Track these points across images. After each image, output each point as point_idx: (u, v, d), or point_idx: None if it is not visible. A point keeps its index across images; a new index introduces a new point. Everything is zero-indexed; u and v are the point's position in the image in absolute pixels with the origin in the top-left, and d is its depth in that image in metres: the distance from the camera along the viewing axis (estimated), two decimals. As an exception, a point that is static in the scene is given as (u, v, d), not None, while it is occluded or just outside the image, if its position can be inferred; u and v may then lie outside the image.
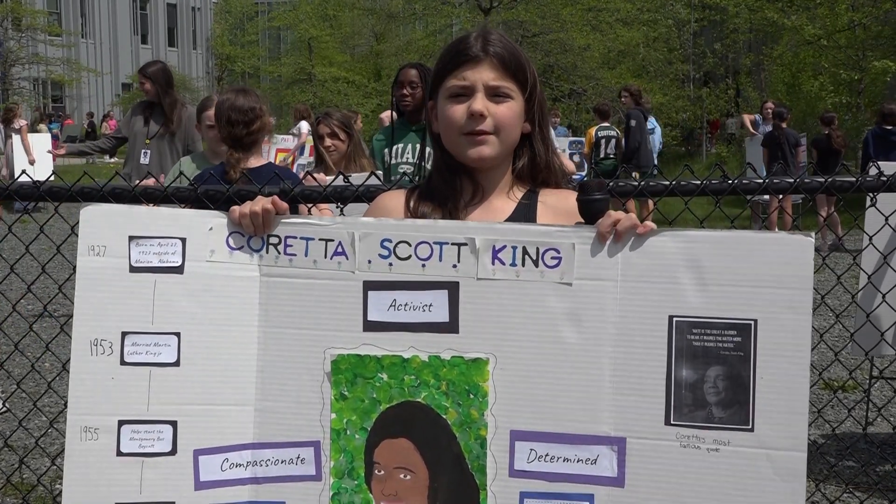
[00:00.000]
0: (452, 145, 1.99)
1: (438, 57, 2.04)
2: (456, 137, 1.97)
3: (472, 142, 1.95)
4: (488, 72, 1.94)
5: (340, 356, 1.84)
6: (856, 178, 2.95)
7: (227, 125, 4.14)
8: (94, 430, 1.84)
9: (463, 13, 31.80)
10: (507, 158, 2.03)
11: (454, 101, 1.96)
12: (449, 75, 1.97)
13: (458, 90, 1.96)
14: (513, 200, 2.03)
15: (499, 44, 1.96)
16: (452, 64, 1.97)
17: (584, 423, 1.79)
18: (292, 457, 1.85)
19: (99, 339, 1.85)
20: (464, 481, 1.81)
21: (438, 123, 2.02)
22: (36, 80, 43.03)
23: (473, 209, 2.01)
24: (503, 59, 1.95)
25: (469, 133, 1.94)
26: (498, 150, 1.97)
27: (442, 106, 1.99)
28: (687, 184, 2.87)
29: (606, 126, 14.15)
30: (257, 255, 1.89)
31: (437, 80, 2.01)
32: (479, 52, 1.95)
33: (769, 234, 1.78)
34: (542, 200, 2.03)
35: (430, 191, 2.04)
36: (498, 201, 2.02)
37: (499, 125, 1.95)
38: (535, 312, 1.80)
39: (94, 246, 1.86)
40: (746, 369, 1.74)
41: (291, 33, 47.57)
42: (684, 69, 30.77)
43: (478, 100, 1.93)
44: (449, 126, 1.97)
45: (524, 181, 2.06)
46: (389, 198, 2.12)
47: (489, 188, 2.02)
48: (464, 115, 1.94)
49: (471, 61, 1.95)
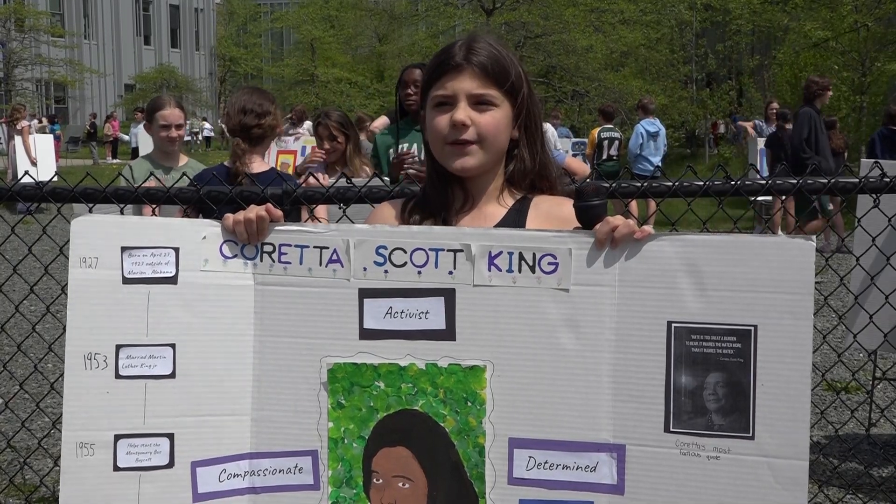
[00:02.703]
0: (438, 155, 1.99)
1: (427, 66, 2.04)
2: (441, 147, 1.96)
3: (455, 152, 1.94)
4: (470, 81, 1.93)
5: (337, 365, 1.83)
6: (858, 179, 2.94)
7: (241, 113, 4.18)
8: (91, 445, 1.81)
9: (466, 14, 31.81)
10: (497, 165, 2.02)
11: (438, 110, 1.96)
12: (433, 85, 1.97)
13: (441, 99, 1.95)
14: (503, 206, 2.02)
15: (483, 52, 1.95)
16: (436, 73, 1.97)
17: (583, 430, 1.78)
18: (290, 466, 1.85)
19: (93, 352, 1.82)
20: (462, 489, 1.80)
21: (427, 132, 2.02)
22: (39, 82, 43.10)
23: (464, 216, 2.01)
24: (485, 68, 1.94)
25: (453, 143, 1.94)
26: (482, 159, 1.96)
27: (428, 115, 1.99)
28: (690, 185, 2.86)
29: (609, 127, 14.13)
30: (252, 263, 1.88)
31: (424, 89, 2.01)
32: (461, 60, 1.94)
33: (768, 238, 1.76)
34: (535, 206, 2.01)
35: (424, 199, 2.05)
36: (488, 207, 2.02)
37: (482, 134, 1.94)
38: (533, 319, 1.79)
39: (86, 258, 1.84)
40: (746, 376, 1.72)
41: (294, 34, 47.65)
42: (686, 70, 30.73)
43: (460, 109, 1.93)
44: (434, 136, 1.97)
45: (518, 186, 2.04)
46: (385, 207, 2.12)
47: (478, 195, 2.02)
48: (447, 124, 1.93)
49: (452, 70, 1.94)
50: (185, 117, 5.11)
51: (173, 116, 4.88)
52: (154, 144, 5.04)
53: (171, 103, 4.96)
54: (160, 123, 4.86)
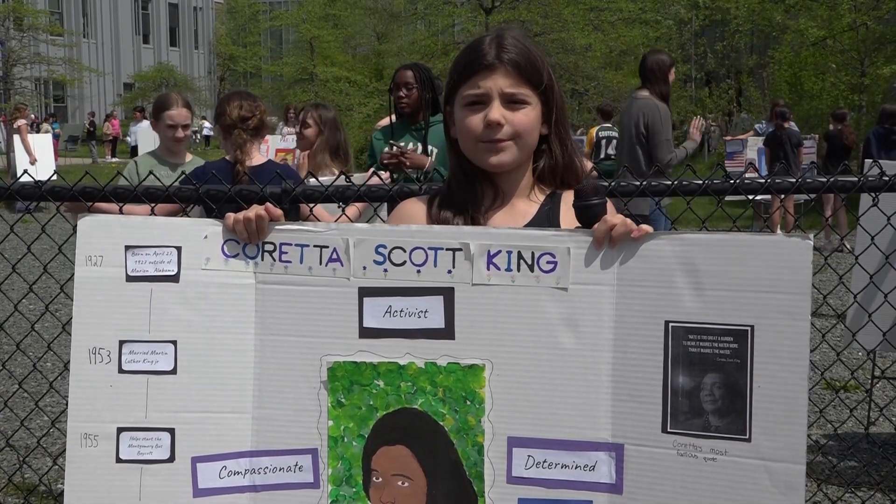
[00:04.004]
0: (470, 152, 1.96)
1: (454, 62, 2.00)
2: (473, 145, 1.94)
3: (491, 149, 1.92)
4: (503, 79, 1.91)
5: (337, 363, 1.83)
6: (858, 178, 2.94)
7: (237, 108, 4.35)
8: (94, 436, 1.85)
9: (465, 13, 31.76)
10: (527, 161, 2.01)
11: (470, 109, 1.93)
12: (464, 83, 1.94)
13: (473, 98, 1.93)
14: (535, 202, 2.01)
15: (513, 49, 1.93)
16: (467, 72, 1.94)
17: (582, 429, 1.78)
18: (290, 464, 1.85)
19: (97, 347, 1.86)
20: (461, 488, 1.80)
21: (456, 129, 1.99)
22: (38, 80, 43.04)
23: (495, 213, 1.99)
24: (518, 66, 1.91)
25: (487, 141, 1.92)
26: (516, 155, 1.95)
27: (458, 114, 1.96)
28: (689, 183, 2.86)
29: (608, 126, 14.11)
30: (252, 262, 1.89)
31: (453, 87, 1.98)
32: (493, 59, 1.92)
33: (765, 237, 1.74)
34: (565, 202, 2.00)
35: (450, 196, 2.02)
36: (520, 204, 2.00)
37: (516, 132, 1.92)
38: (531, 318, 1.79)
39: (92, 256, 1.88)
40: (743, 377, 1.71)
41: (293, 33, 47.61)
42: (685, 69, 30.71)
43: (494, 109, 1.91)
44: (466, 134, 1.95)
45: (546, 182, 2.03)
46: (411, 204, 2.09)
47: (510, 191, 2.00)
48: (480, 123, 1.91)
49: (485, 69, 1.92)
50: (193, 117, 5.09)
51: (180, 116, 4.86)
52: (160, 141, 5.05)
53: (179, 103, 4.93)
54: (167, 123, 4.84)
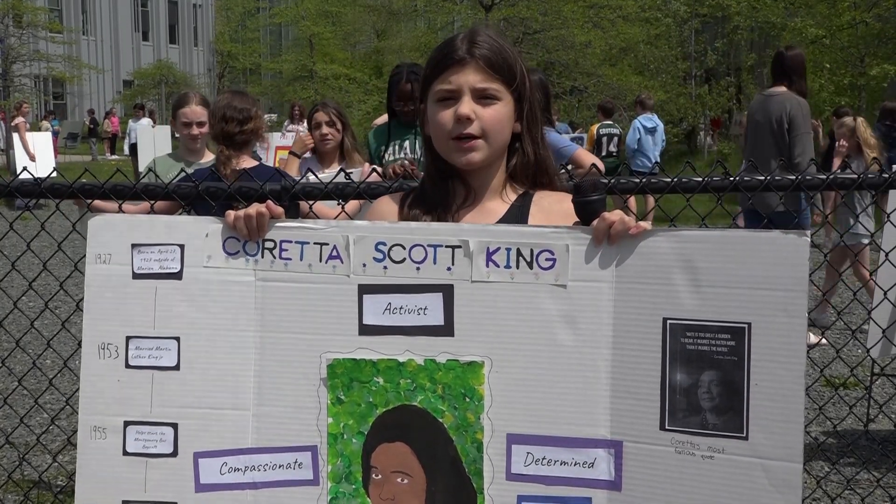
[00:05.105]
0: (442, 149, 1.98)
1: (427, 59, 2.01)
2: (445, 142, 1.95)
3: (461, 148, 1.93)
4: (474, 74, 1.92)
5: (336, 360, 1.84)
6: (857, 176, 2.94)
7: (222, 121, 4.25)
8: (103, 429, 1.92)
9: (464, 10, 31.75)
10: (499, 159, 2.01)
11: (442, 105, 1.94)
12: (436, 79, 1.95)
13: (444, 94, 1.94)
14: (506, 202, 2.01)
15: (485, 45, 1.93)
16: (439, 67, 1.95)
17: (581, 426, 1.78)
18: (290, 461, 1.86)
19: (106, 342, 1.92)
20: (461, 485, 1.81)
21: (429, 126, 2.00)
22: (37, 78, 42.99)
23: (466, 212, 2.00)
24: (489, 61, 1.92)
25: (457, 138, 1.93)
26: (487, 153, 1.95)
27: (430, 110, 1.97)
28: (688, 181, 2.85)
29: (609, 123, 14.12)
30: (253, 259, 1.90)
31: (426, 83, 1.99)
32: (464, 54, 1.93)
33: (762, 233, 1.73)
34: (537, 202, 2.00)
35: (423, 195, 2.04)
36: (490, 203, 2.01)
37: (486, 128, 1.93)
38: (531, 315, 1.79)
39: (101, 254, 1.94)
40: (740, 375, 1.70)
41: (293, 30, 47.57)
42: (685, 66, 30.69)
43: (464, 103, 1.91)
44: (438, 130, 1.96)
45: (519, 181, 2.04)
46: (384, 203, 2.11)
47: (481, 190, 2.01)
48: (451, 119, 1.92)
49: (456, 64, 1.93)
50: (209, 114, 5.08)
51: (195, 114, 4.85)
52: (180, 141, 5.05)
53: (195, 101, 4.92)
54: (182, 121, 4.85)
